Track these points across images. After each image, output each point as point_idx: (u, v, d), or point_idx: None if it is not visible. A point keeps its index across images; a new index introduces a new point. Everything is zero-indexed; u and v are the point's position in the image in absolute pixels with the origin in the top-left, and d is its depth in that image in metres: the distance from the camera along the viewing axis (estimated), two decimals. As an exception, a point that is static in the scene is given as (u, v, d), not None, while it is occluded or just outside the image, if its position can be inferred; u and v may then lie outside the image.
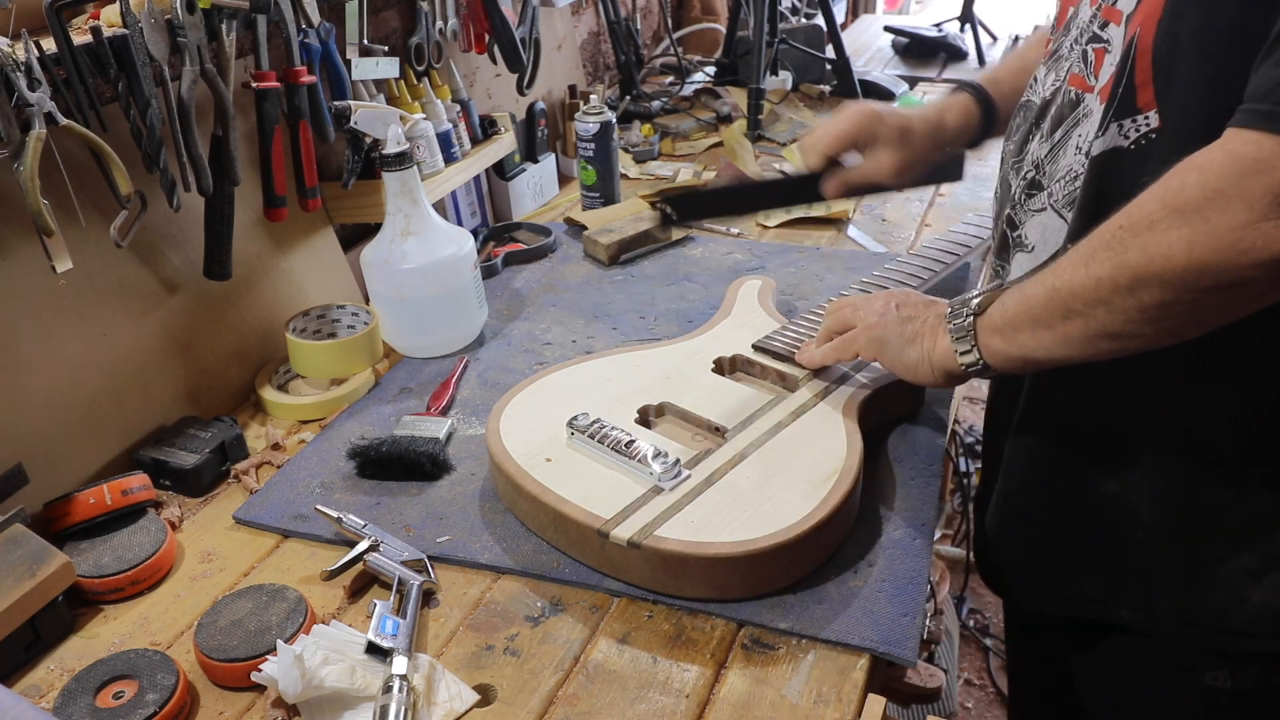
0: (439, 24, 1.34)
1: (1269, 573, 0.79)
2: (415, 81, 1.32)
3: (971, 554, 0.95)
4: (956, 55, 2.38)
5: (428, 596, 0.82)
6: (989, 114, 1.05)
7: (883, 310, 0.90)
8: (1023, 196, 0.85)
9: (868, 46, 2.55)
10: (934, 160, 1.07)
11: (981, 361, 0.80)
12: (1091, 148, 0.76)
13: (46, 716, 0.63)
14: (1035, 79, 0.87)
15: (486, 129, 1.46)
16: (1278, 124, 0.60)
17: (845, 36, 2.22)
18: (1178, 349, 0.70)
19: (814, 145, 1.02)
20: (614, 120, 1.47)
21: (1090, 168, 0.77)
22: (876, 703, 0.71)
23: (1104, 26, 0.76)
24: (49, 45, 0.84)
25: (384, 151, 1.09)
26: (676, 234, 1.44)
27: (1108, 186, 0.75)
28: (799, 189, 1.05)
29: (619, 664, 0.75)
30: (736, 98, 1.95)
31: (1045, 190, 0.83)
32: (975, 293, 0.82)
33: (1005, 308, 0.77)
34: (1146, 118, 0.72)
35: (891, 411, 1.00)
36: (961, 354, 0.81)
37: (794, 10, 2.41)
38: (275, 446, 1.02)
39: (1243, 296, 0.64)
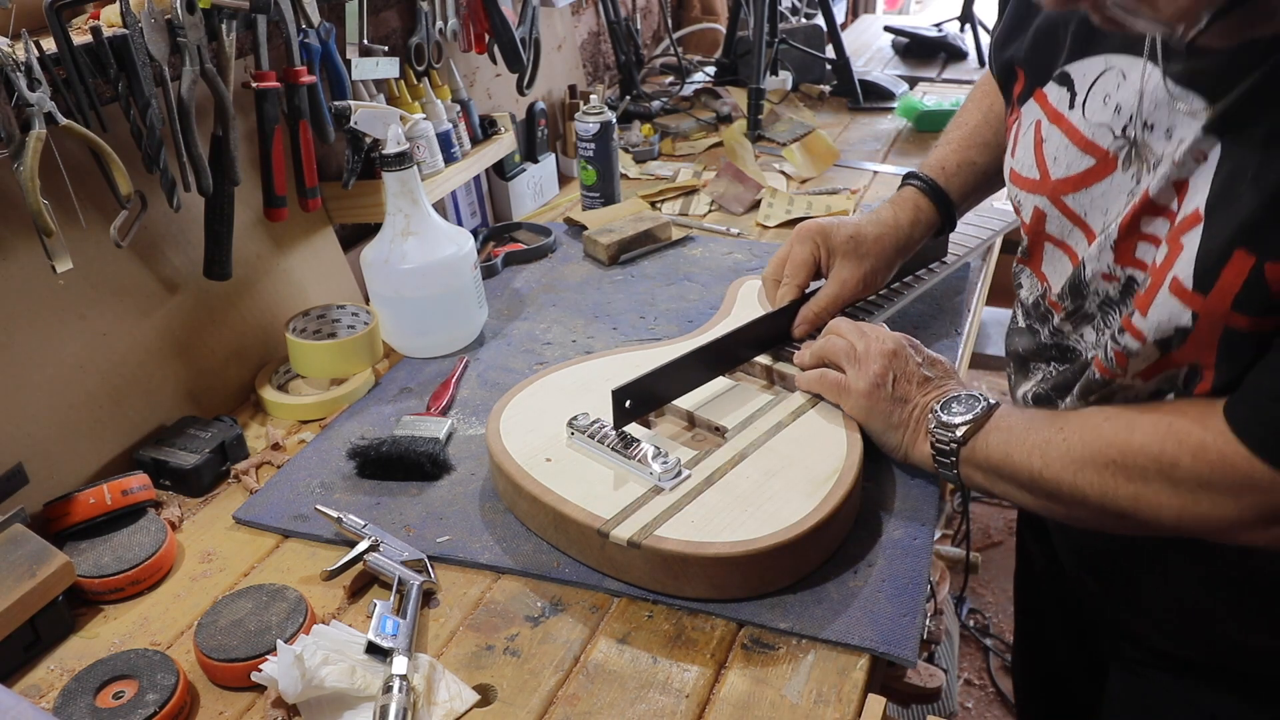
0: (439, 24, 1.34)
1: None
2: (415, 81, 1.32)
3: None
4: (956, 55, 2.38)
5: (428, 596, 0.82)
6: (945, 206, 1.06)
7: (878, 380, 0.88)
8: (1069, 309, 0.81)
9: (868, 46, 2.55)
10: (917, 251, 1.09)
11: (959, 480, 0.84)
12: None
13: (46, 716, 0.63)
14: (1062, 330, 0.82)
15: (486, 129, 1.46)
16: (1271, 454, 0.63)
17: (845, 36, 2.22)
18: None
19: (787, 279, 1.03)
20: (614, 120, 1.47)
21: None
22: (876, 703, 0.71)
23: (1121, 332, 0.72)
24: (49, 45, 0.84)
25: (384, 151, 1.09)
26: (677, 233, 1.44)
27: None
28: (775, 333, 1.02)
29: (619, 664, 0.75)
30: (736, 98, 1.95)
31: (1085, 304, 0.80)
32: (960, 419, 0.82)
33: (990, 454, 0.80)
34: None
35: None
36: (940, 468, 0.84)
37: (794, 10, 2.41)
38: (275, 446, 1.02)
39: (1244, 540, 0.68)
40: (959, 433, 0.82)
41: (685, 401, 0.95)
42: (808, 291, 1.04)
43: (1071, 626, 1.03)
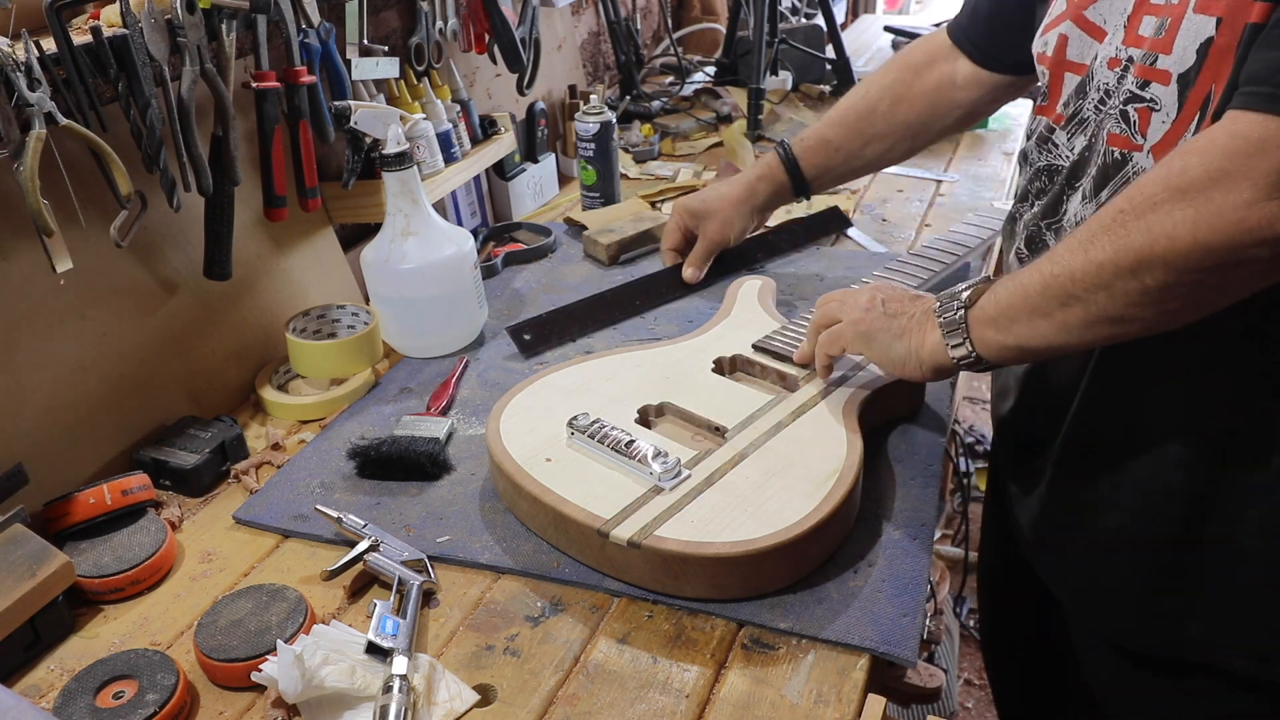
0: (439, 24, 1.34)
1: None
2: (415, 81, 1.32)
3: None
4: (956, 55, 2.37)
5: (428, 596, 0.82)
6: (794, 172, 1.21)
7: (868, 305, 0.90)
8: (1062, 182, 0.85)
9: (868, 46, 2.55)
10: (806, 218, 1.41)
11: (974, 354, 0.80)
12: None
13: (46, 716, 0.63)
14: (1055, 143, 0.85)
15: (486, 129, 1.46)
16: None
17: (845, 36, 2.22)
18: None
19: (664, 248, 1.32)
20: (614, 120, 1.47)
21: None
22: (876, 703, 0.71)
23: (1144, 86, 0.74)
24: (49, 45, 0.84)
25: (384, 151, 1.09)
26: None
27: None
28: (667, 284, 1.28)
29: (619, 664, 0.75)
30: (736, 98, 1.95)
31: (1084, 172, 0.82)
32: (964, 285, 0.81)
33: (998, 298, 0.77)
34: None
35: (891, 411, 1.00)
36: (953, 347, 0.81)
37: (794, 10, 2.41)
38: (275, 446, 1.02)
39: (1244, 276, 0.64)
40: (964, 296, 0.80)
41: (685, 401, 0.95)
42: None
43: (1034, 616, 1.04)
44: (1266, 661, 0.81)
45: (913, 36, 2.42)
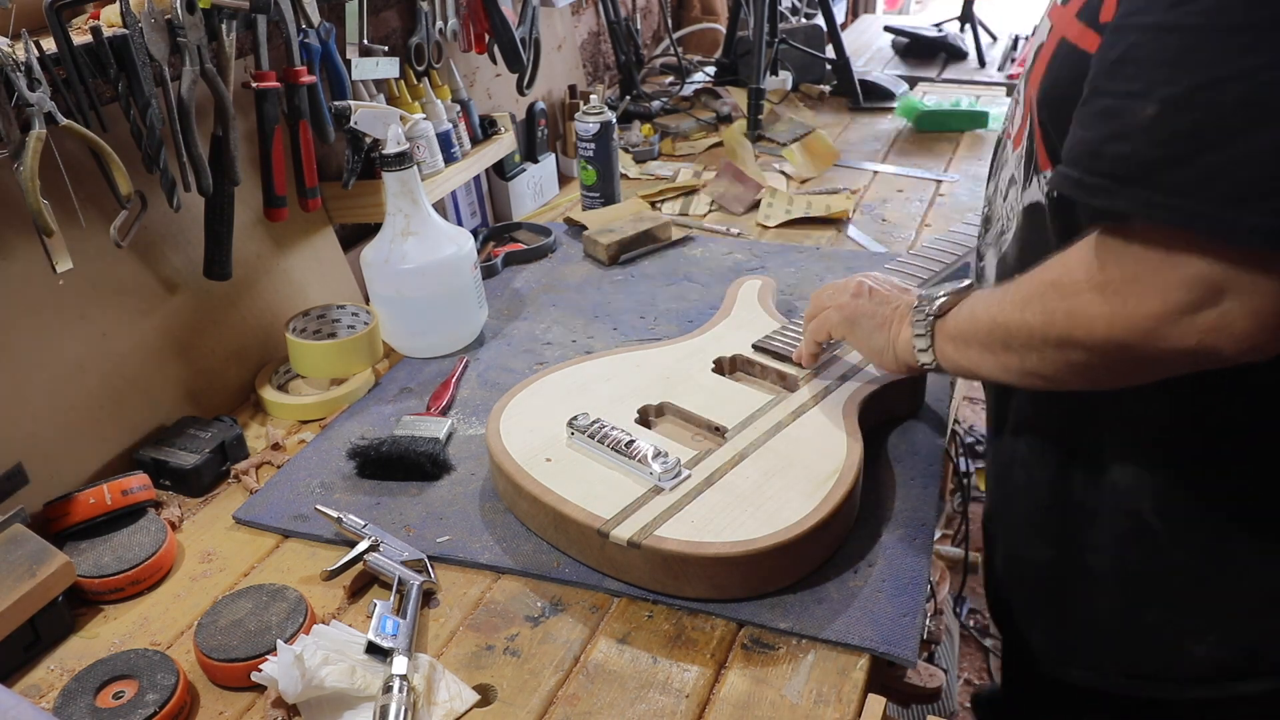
0: (439, 24, 1.34)
1: (1212, 631, 0.78)
2: (415, 81, 1.32)
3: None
4: (956, 55, 2.38)
5: (428, 596, 0.82)
6: None
7: (856, 292, 0.91)
8: (982, 229, 0.90)
9: (868, 46, 2.55)
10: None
11: (935, 362, 0.82)
12: (1022, 197, 0.78)
13: (46, 716, 0.63)
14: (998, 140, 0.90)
15: (486, 129, 1.46)
16: (1161, 213, 0.58)
17: (845, 36, 2.22)
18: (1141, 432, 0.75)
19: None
20: (614, 120, 1.47)
21: (1022, 216, 0.79)
22: (876, 703, 0.71)
23: (1023, 84, 0.78)
24: (49, 45, 0.84)
25: (384, 151, 1.09)
26: (677, 233, 1.44)
27: (1033, 236, 0.77)
28: None
29: (619, 664, 0.75)
30: (736, 98, 1.95)
31: (992, 230, 0.86)
32: (943, 291, 0.82)
33: (960, 320, 0.79)
34: (1046, 176, 0.73)
35: (891, 411, 1.00)
36: (919, 350, 0.82)
37: (794, 10, 2.41)
38: (275, 446, 1.02)
39: (1162, 370, 0.65)
40: (937, 304, 0.81)
41: (685, 401, 0.95)
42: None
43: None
44: (1099, 672, 0.85)
45: (912, 36, 2.43)
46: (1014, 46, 2.46)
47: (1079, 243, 0.66)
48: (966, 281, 0.84)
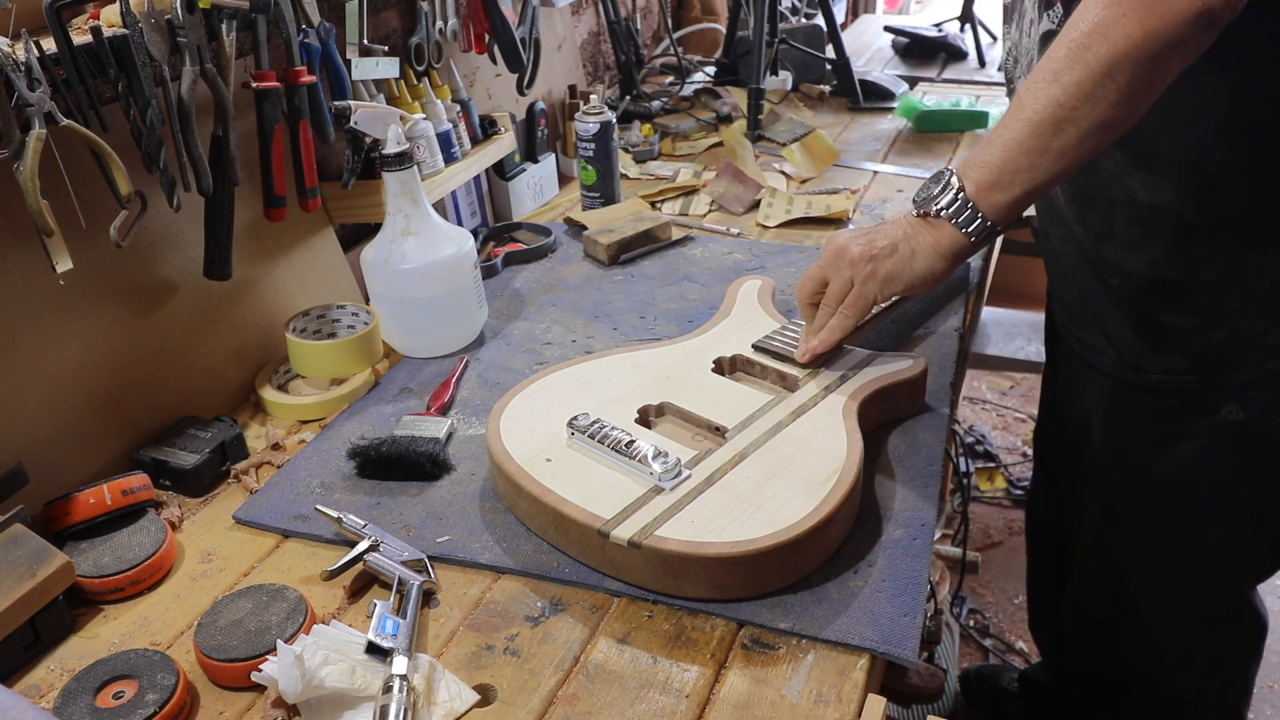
0: (439, 24, 1.34)
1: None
2: (415, 81, 1.32)
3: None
4: (956, 55, 2.38)
5: (428, 596, 0.82)
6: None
7: (863, 255, 0.93)
8: (1009, 65, 1.07)
9: (868, 46, 2.55)
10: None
11: (989, 223, 0.88)
12: (1036, 30, 0.95)
13: (46, 716, 0.63)
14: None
15: (486, 129, 1.46)
16: None
17: (845, 36, 2.22)
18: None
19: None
20: (614, 120, 1.47)
21: (1038, 44, 0.95)
22: (876, 703, 0.71)
23: None
24: (49, 45, 0.84)
25: (384, 151, 1.09)
26: (677, 233, 1.44)
27: None
28: None
29: (619, 664, 0.75)
30: (736, 98, 1.95)
31: (1020, 63, 1.02)
32: (937, 185, 0.90)
33: (991, 162, 0.86)
34: (1057, 8, 0.92)
35: (891, 411, 1.00)
36: (968, 230, 0.88)
37: (794, 10, 2.41)
38: (275, 446, 1.02)
39: (1180, 57, 0.78)
40: (954, 184, 0.88)
41: (685, 401, 0.95)
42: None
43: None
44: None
45: (912, 36, 2.43)
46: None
47: (1075, 11, 0.80)
48: (945, 168, 0.90)
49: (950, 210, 0.88)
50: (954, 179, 0.88)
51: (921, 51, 2.42)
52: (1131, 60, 0.78)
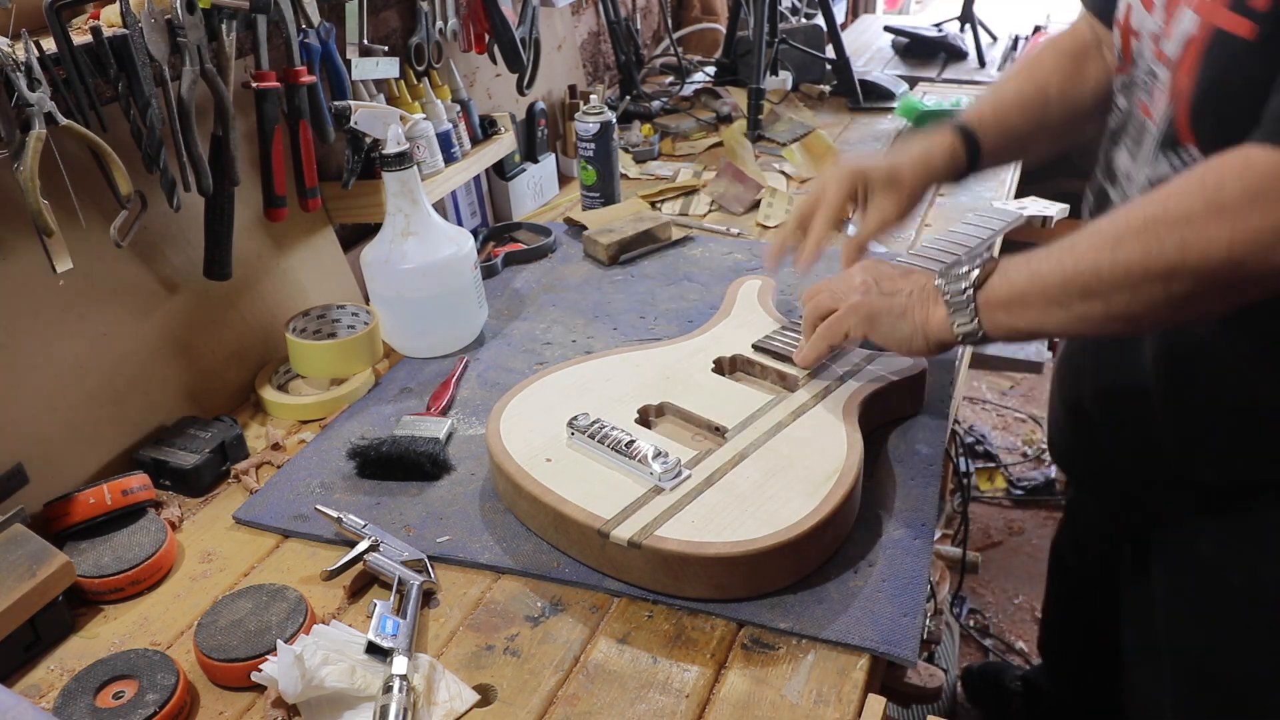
0: (439, 24, 1.34)
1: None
2: (415, 81, 1.32)
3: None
4: (956, 55, 2.38)
5: (428, 596, 0.82)
6: (973, 152, 1.06)
7: (863, 287, 0.90)
8: (1097, 196, 0.94)
9: (868, 46, 2.55)
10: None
11: (982, 332, 0.82)
12: (1153, 170, 0.82)
13: (46, 716, 0.63)
14: (1116, 105, 0.92)
15: (486, 129, 1.46)
16: None
17: (845, 36, 2.22)
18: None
19: (823, 220, 1.02)
20: (614, 120, 1.47)
21: (1148, 188, 0.82)
22: (876, 703, 0.71)
23: (1156, 63, 0.82)
24: (49, 45, 0.84)
25: (384, 151, 1.09)
26: (677, 233, 1.44)
27: None
28: None
29: (619, 664, 0.75)
30: (736, 98, 1.95)
31: (1113, 195, 0.90)
32: (965, 263, 0.83)
33: (1011, 283, 0.79)
34: (1190, 151, 0.77)
35: (892, 412, 1.00)
36: (959, 325, 0.83)
37: (794, 10, 2.41)
38: (275, 446, 1.02)
39: (1262, 290, 0.68)
40: (973, 276, 0.81)
41: (685, 401, 0.95)
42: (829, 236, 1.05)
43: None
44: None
45: (912, 36, 2.43)
46: (1014, 47, 2.46)
47: (1178, 178, 0.69)
48: (985, 255, 0.86)
49: (953, 299, 0.82)
50: (975, 275, 0.81)
51: (921, 51, 2.42)
52: (1197, 278, 0.67)
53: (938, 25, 2.48)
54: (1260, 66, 0.69)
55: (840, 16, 2.36)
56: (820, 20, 2.10)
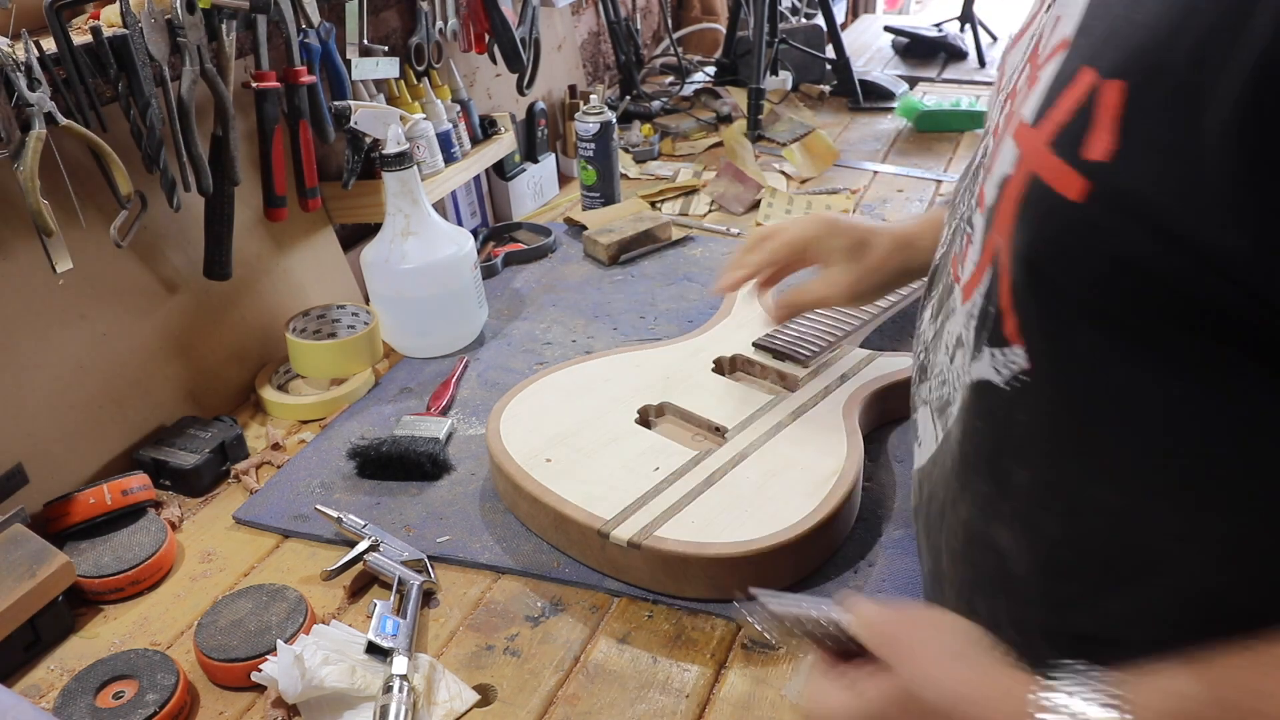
0: (439, 24, 1.34)
1: None
2: (415, 81, 1.32)
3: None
4: (956, 55, 2.38)
5: (428, 596, 0.82)
6: None
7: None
8: (916, 381, 0.68)
9: (868, 46, 2.55)
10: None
11: None
12: (969, 367, 0.55)
13: (46, 716, 0.63)
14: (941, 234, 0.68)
15: (486, 129, 1.46)
16: None
17: (845, 36, 2.22)
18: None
19: (756, 256, 0.92)
20: (614, 120, 1.47)
21: (968, 392, 0.55)
22: (876, 703, 0.71)
23: (974, 206, 0.55)
24: (49, 45, 0.84)
25: (384, 151, 1.09)
26: (677, 233, 1.44)
27: (986, 427, 0.55)
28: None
29: (619, 664, 0.75)
30: (736, 98, 1.95)
31: (926, 383, 0.65)
32: (1085, 684, 0.46)
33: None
34: (1014, 353, 0.50)
35: (892, 412, 1.00)
36: None
37: (794, 10, 2.41)
38: (275, 446, 1.02)
39: None
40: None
41: (685, 401, 0.95)
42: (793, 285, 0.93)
43: None
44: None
45: (912, 36, 2.43)
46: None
47: None
48: (1115, 689, 0.45)
49: None
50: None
51: (921, 51, 2.42)
52: None
53: (938, 25, 2.48)
54: (1094, 247, 0.44)
55: (840, 16, 2.36)
56: (820, 20, 2.10)
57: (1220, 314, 0.42)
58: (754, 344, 1.03)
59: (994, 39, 2.50)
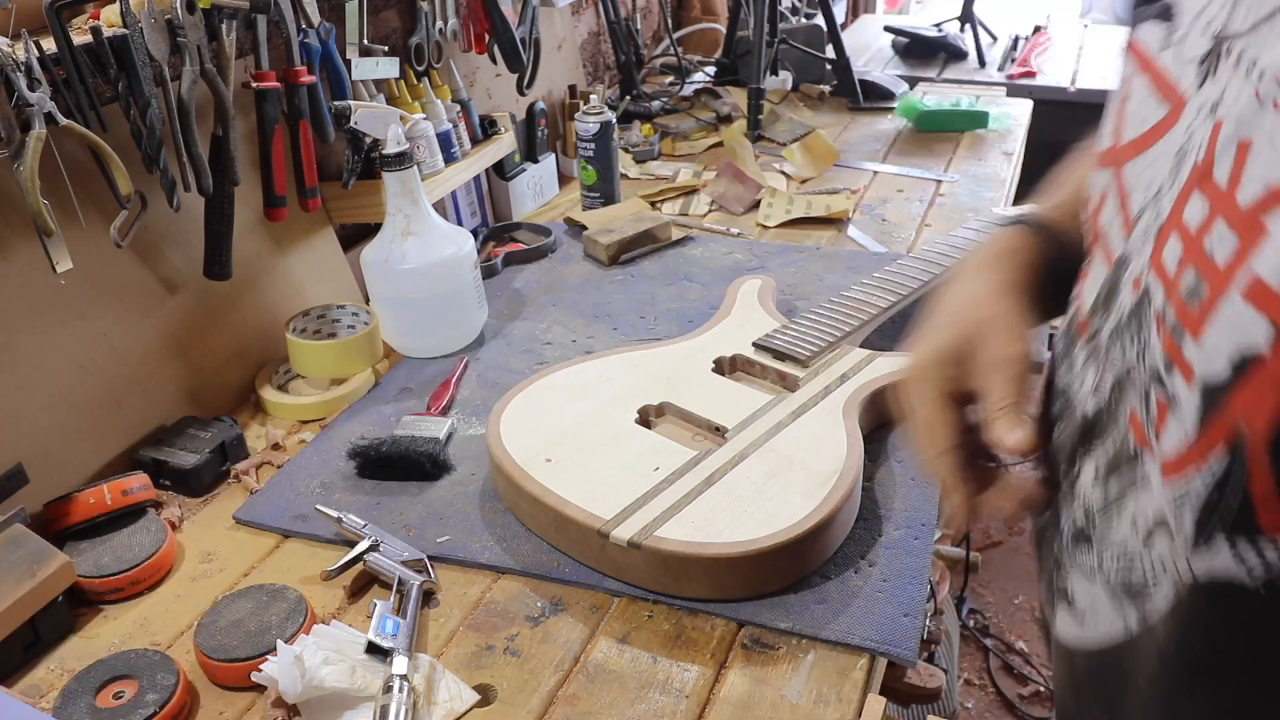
0: (439, 24, 1.34)
1: None
2: (415, 81, 1.32)
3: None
4: (956, 55, 2.38)
5: (428, 596, 0.82)
6: (1046, 239, 0.69)
7: None
8: (1070, 541, 0.57)
9: (868, 46, 2.55)
10: None
11: None
12: (1188, 559, 0.45)
13: (46, 717, 0.63)
14: (1072, 363, 0.56)
15: (486, 129, 1.46)
16: None
17: (845, 36, 2.22)
18: None
19: (933, 453, 0.63)
20: (614, 120, 1.47)
21: (1194, 594, 0.46)
22: (876, 703, 0.71)
23: (1169, 367, 0.45)
24: (49, 45, 0.84)
25: (384, 151, 1.09)
26: (677, 233, 1.44)
27: (1236, 635, 0.45)
28: None
29: (619, 664, 0.75)
30: (736, 98, 1.95)
31: (1095, 553, 0.54)
32: None
33: None
34: (1268, 553, 0.41)
35: (892, 412, 1.00)
36: None
37: (794, 10, 2.41)
38: (275, 446, 1.02)
39: None
40: None
41: (685, 401, 0.95)
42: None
43: None
44: None
45: (912, 36, 2.43)
46: (1014, 46, 2.46)
47: None
48: None
49: None
50: None
51: (921, 51, 2.42)
52: None
53: (938, 25, 2.48)
54: None
55: (840, 16, 2.36)
56: (820, 20, 2.10)
57: None
58: (754, 344, 1.03)
59: (994, 39, 2.51)
